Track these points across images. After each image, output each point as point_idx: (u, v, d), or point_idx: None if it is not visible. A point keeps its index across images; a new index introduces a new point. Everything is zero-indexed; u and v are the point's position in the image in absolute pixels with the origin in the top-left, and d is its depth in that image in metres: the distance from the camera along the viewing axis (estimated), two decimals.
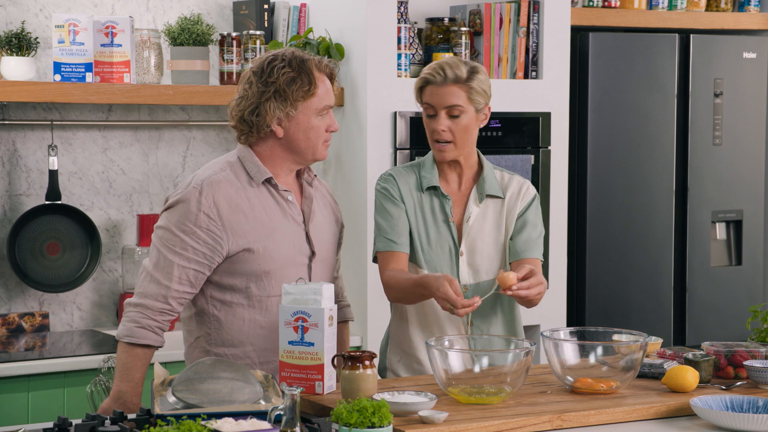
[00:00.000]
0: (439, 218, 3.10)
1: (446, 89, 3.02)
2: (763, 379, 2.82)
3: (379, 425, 2.26)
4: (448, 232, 3.10)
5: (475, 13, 4.48)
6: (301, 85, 2.83)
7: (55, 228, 4.04)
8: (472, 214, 3.10)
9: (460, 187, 3.14)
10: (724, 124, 4.92)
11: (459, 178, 3.14)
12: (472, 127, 3.06)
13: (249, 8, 4.29)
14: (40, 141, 4.08)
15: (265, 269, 2.84)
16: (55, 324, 4.10)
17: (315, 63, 2.86)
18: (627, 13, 4.81)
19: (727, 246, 5.01)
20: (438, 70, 3.03)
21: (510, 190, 3.15)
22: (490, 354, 2.68)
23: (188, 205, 2.80)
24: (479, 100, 3.05)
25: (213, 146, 4.36)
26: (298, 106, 2.84)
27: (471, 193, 3.12)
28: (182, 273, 2.79)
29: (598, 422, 2.58)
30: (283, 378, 2.67)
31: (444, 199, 3.10)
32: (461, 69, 3.03)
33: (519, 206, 3.14)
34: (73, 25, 3.85)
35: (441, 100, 3.03)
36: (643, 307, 4.76)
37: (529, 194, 3.16)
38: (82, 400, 3.59)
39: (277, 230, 2.87)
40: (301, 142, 2.87)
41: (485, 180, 3.12)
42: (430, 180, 3.10)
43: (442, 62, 3.06)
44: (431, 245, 3.09)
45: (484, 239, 3.11)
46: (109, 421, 2.43)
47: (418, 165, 3.16)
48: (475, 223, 3.11)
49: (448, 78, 3.02)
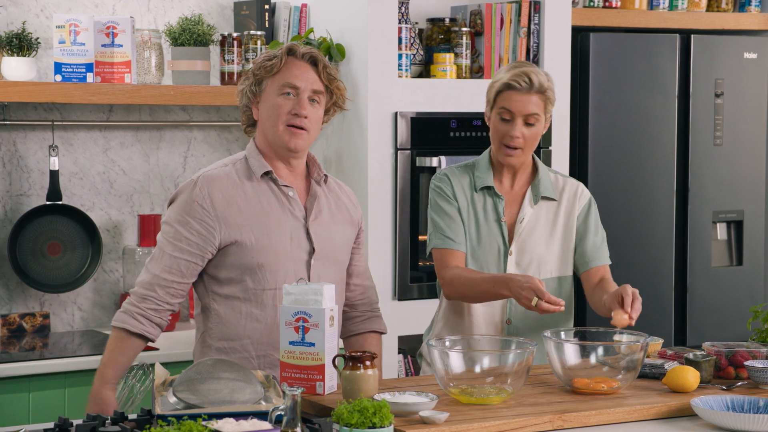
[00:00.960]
0: (491, 217, 3.15)
1: (529, 98, 3.05)
2: (763, 380, 2.82)
3: (380, 425, 2.26)
4: (499, 231, 3.15)
5: (476, 13, 4.48)
6: (266, 59, 2.90)
7: (55, 228, 4.04)
8: (526, 216, 3.15)
9: (512, 187, 3.18)
10: (724, 124, 4.92)
11: (513, 179, 3.18)
12: (541, 134, 3.11)
13: (250, 8, 4.29)
14: (41, 141, 4.08)
15: (260, 262, 2.85)
16: (55, 324, 4.10)
17: (290, 46, 2.92)
18: (628, 14, 4.81)
19: (728, 246, 5.01)
20: (524, 78, 3.04)
21: (566, 194, 3.20)
22: (490, 354, 2.68)
23: (183, 196, 2.87)
24: (550, 109, 3.11)
25: (214, 146, 4.36)
26: (262, 83, 2.90)
27: (526, 194, 3.17)
28: (173, 263, 2.84)
29: (598, 422, 2.58)
30: (284, 378, 2.67)
31: (497, 198, 3.15)
32: (542, 78, 3.06)
33: (576, 210, 3.19)
34: (73, 25, 3.85)
35: (522, 107, 3.05)
36: (643, 307, 4.74)
37: (585, 197, 3.22)
38: (82, 401, 3.59)
39: (274, 224, 2.88)
40: (266, 121, 2.91)
41: (540, 182, 3.16)
42: (485, 180, 3.15)
43: (526, 69, 3.06)
44: (481, 243, 3.14)
45: (535, 240, 3.15)
46: (109, 421, 2.43)
47: (472, 165, 3.21)
48: (528, 224, 3.15)
49: (533, 87, 3.05)
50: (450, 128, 4.25)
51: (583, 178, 4.64)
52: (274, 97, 2.89)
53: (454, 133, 4.26)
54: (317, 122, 2.94)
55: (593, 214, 3.22)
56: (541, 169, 3.19)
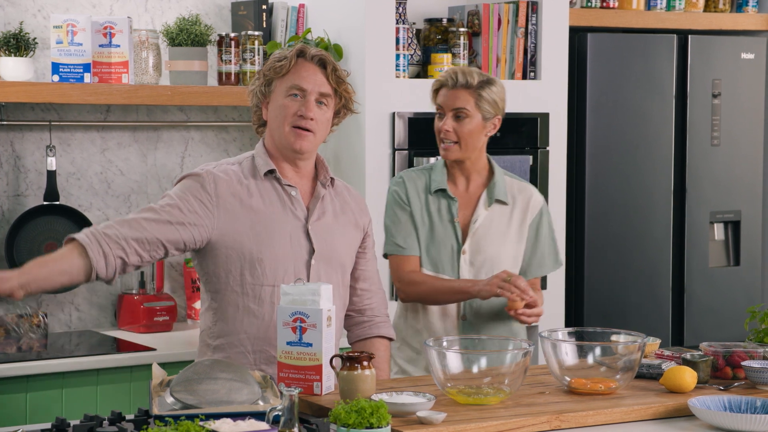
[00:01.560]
0: (445, 218, 3.28)
1: (456, 93, 3.23)
2: (761, 380, 2.83)
3: (378, 426, 2.26)
4: (453, 231, 3.28)
5: (474, 13, 4.48)
6: (277, 60, 2.92)
7: (53, 229, 4.04)
8: (479, 217, 3.28)
9: (467, 189, 3.32)
10: (722, 124, 4.92)
11: (467, 182, 3.33)
12: (477, 132, 3.24)
13: (247, 9, 4.29)
14: (38, 142, 4.08)
15: (258, 257, 2.86)
16: (53, 325, 4.10)
17: (301, 49, 2.94)
18: (625, 14, 4.81)
19: (725, 246, 5.01)
20: (452, 75, 3.25)
21: (519, 199, 3.33)
22: (488, 355, 2.68)
23: (190, 179, 2.89)
24: (488, 109, 3.24)
25: (211, 147, 4.36)
26: (272, 84, 2.93)
27: (481, 196, 3.30)
28: (153, 215, 2.79)
29: (596, 423, 2.59)
30: (282, 378, 2.67)
31: (450, 200, 3.29)
32: (473, 77, 3.24)
33: (528, 218, 3.33)
34: (71, 25, 3.85)
35: (450, 102, 3.24)
36: (641, 308, 4.76)
37: (537, 206, 3.35)
38: (80, 401, 3.59)
39: (274, 222, 2.90)
40: (273, 122, 2.94)
41: (495, 185, 3.30)
42: (439, 183, 3.29)
43: (457, 68, 3.28)
44: (434, 244, 3.28)
45: (489, 241, 3.28)
46: (107, 421, 2.43)
47: (430, 168, 3.35)
48: (481, 225, 3.28)
49: (458, 83, 3.23)
50: None
51: (581, 179, 4.64)
52: (281, 98, 2.91)
53: None
54: (324, 124, 2.94)
55: (544, 223, 3.35)
56: (497, 172, 3.33)
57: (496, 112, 3.26)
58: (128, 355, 3.70)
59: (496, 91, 3.25)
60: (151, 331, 4.05)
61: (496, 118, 3.27)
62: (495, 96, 3.24)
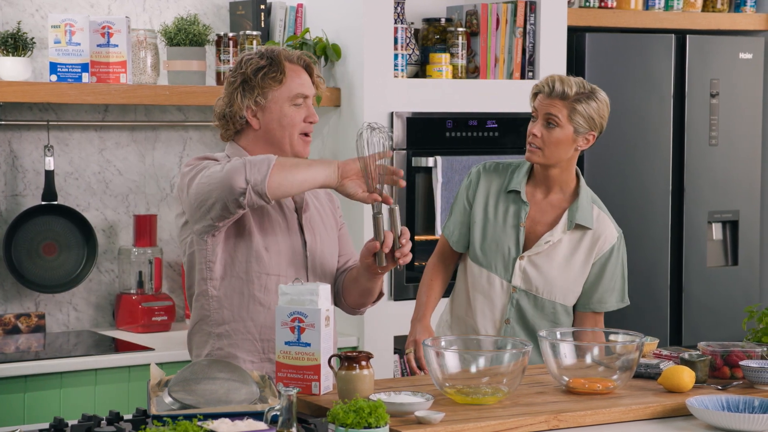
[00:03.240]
0: (510, 221, 3.24)
1: (550, 101, 3.19)
2: (759, 379, 2.83)
3: (376, 426, 2.26)
4: (514, 235, 3.23)
5: (472, 13, 4.48)
6: (267, 72, 2.88)
7: (51, 229, 4.04)
8: (554, 237, 3.22)
9: (545, 198, 3.27)
10: (720, 124, 4.92)
11: (547, 191, 3.27)
12: (564, 143, 3.18)
13: (246, 8, 4.28)
14: (36, 141, 4.07)
15: (265, 245, 2.87)
16: (51, 325, 4.10)
17: (286, 54, 2.92)
18: (623, 14, 4.81)
19: (724, 246, 5.01)
20: (549, 82, 3.21)
21: (595, 229, 3.25)
22: (486, 354, 2.68)
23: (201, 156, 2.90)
24: (581, 123, 3.17)
25: (209, 147, 4.35)
26: (267, 94, 2.89)
27: (563, 217, 3.23)
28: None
29: (594, 422, 2.59)
30: (280, 378, 2.67)
31: (522, 204, 3.24)
32: (571, 88, 3.18)
33: (596, 251, 3.25)
34: (69, 25, 3.85)
35: (543, 107, 3.19)
36: (639, 307, 4.76)
37: (610, 242, 3.26)
38: (78, 401, 3.59)
39: (272, 219, 2.91)
40: (277, 131, 2.91)
41: (579, 208, 3.24)
42: (516, 184, 3.25)
43: (556, 76, 3.22)
44: (490, 243, 3.24)
45: (552, 262, 3.22)
46: (105, 421, 2.43)
47: (517, 166, 3.30)
48: (551, 247, 3.22)
49: (554, 92, 3.18)
50: (446, 128, 4.25)
51: None
52: (284, 107, 2.90)
53: (450, 134, 4.26)
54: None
55: (613, 261, 3.26)
56: (582, 192, 3.26)
57: (591, 128, 3.18)
58: (126, 355, 3.70)
59: (595, 107, 3.17)
60: (150, 331, 4.04)
61: (590, 134, 3.19)
62: (592, 112, 3.17)
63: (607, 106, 3.21)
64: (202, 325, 2.93)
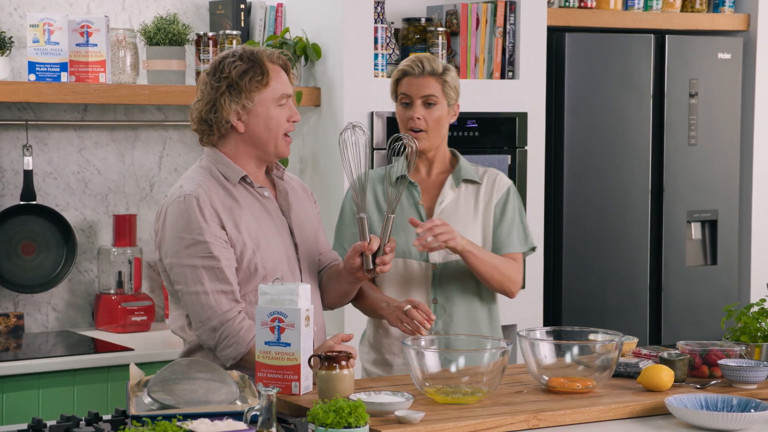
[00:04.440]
0: (407, 205, 3.27)
1: (423, 80, 3.23)
2: (737, 378, 2.84)
3: (356, 425, 2.26)
4: (416, 214, 3.26)
5: (452, 13, 4.49)
6: (253, 75, 2.86)
7: (30, 228, 4.02)
8: (446, 198, 3.28)
9: (429, 175, 3.31)
10: (699, 124, 4.94)
11: (429, 168, 3.32)
12: (444, 119, 3.26)
13: (225, 8, 4.28)
14: (15, 141, 4.05)
15: (263, 265, 2.86)
16: (30, 325, 4.08)
17: (266, 54, 2.90)
18: (603, 14, 4.82)
19: (703, 246, 5.03)
20: (417, 63, 3.25)
21: (485, 180, 3.32)
22: (466, 354, 2.68)
23: (182, 209, 2.80)
24: (451, 95, 3.26)
25: (189, 146, 4.34)
26: (254, 97, 2.86)
27: (447, 180, 3.29)
28: (230, 270, 2.81)
29: (573, 421, 2.59)
30: (260, 378, 2.67)
31: (412, 186, 3.28)
32: (437, 63, 3.25)
33: (495, 198, 3.30)
34: (47, 24, 3.83)
35: (418, 90, 3.23)
36: (618, 307, 4.78)
37: (504, 186, 3.32)
38: (56, 401, 3.58)
39: (266, 227, 2.91)
40: (263, 134, 2.89)
41: (461, 168, 3.30)
42: (400, 170, 3.26)
43: (419, 56, 3.26)
44: (396, 231, 3.18)
45: (456, 222, 3.24)
46: (83, 422, 2.42)
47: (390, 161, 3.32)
48: (448, 206, 3.27)
49: (425, 70, 3.24)
50: None
51: (559, 178, 4.65)
52: (270, 108, 2.88)
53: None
54: None
55: (511, 202, 3.30)
56: (462, 158, 3.33)
57: (457, 98, 3.27)
58: (105, 356, 3.69)
59: (455, 76, 3.27)
60: (129, 331, 4.03)
61: (456, 105, 3.28)
62: (456, 81, 3.26)
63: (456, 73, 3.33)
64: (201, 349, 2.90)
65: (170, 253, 2.82)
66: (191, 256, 2.79)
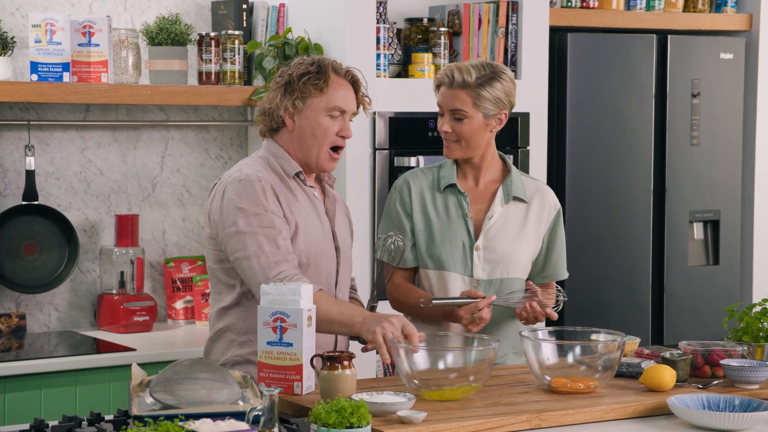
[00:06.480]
0: (455, 214, 3.19)
1: (453, 93, 3.12)
2: (739, 378, 2.84)
3: (358, 425, 2.26)
4: (464, 227, 3.18)
5: (454, 13, 4.49)
6: (311, 78, 2.92)
7: (32, 228, 4.02)
8: (495, 213, 3.19)
9: (477, 185, 3.23)
10: (701, 124, 4.94)
11: (477, 177, 3.23)
12: (478, 131, 3.14)
13: (227, 8, 4.28)
14: (17, 141, 4.06)
15: (307, 255, 2.91)
16: (32, 325, 4.08)
17: (334, 65, 2.96)
18: (605, 14, 4.82)
19: (705, 246, 5.03)
20: (448, 74, 3.14)
21: (536, 199, 3.24)
22: (453, 351, 2.69)
23: (245, 185, 2.87)
24: (488, 108, 3.12)
25: (191, 146, 4.35)
26: (306, 99, 2.93)
27: (497, 192, 3.21)
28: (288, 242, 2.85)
29: (575, 421, 2.59)
30: (262, 378, 2.67)
31: (461, 196, 3.20)
32: (471, 74, 3.10)
33: (545, 218, 3.24)
34: (50, 24, 3.84)
35: (447, 102, 3.14)
36: (621, 307, 4.78)
37: (555, 207, 3.27)
38: (59, 402, 3.58)
39: (312, 221, 2.97)
40: (308, 138, 2.95)
41: (512, 182, 3.21)
42: (448, 179, 3.21)
43: (454, 65, 3.14)
44: (441, 241, 3.17)
45: (504, 239, 3.18)
46: (86, 422, 2.42)
47: (438, 166, 3.26)
48: (496, 222, 3.19)
49: (455, 82, 3.12)
50: (428, 128, 4.26)
51: (561, 178, 4.65)
52: (320, 116, 2.94)
53: (432, 133, 4.26)
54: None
55: (560, 227, 3.28)
56: (513, 169, 3.24)
57: (501, 108, 3.13)
58: (108, 356, 3.69)
59: (500, 88, 3.11)
60: (131, 331, 4.03)
61: (501, 113, 3.14)
62: (498, 93, 3.11)
63: (512, 82, 3.15)
64: (225, 333, 2.96)
65: (229, 223, 2.86)
66: (251, 225, 2.84)
